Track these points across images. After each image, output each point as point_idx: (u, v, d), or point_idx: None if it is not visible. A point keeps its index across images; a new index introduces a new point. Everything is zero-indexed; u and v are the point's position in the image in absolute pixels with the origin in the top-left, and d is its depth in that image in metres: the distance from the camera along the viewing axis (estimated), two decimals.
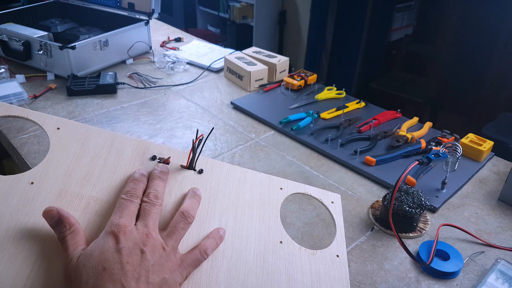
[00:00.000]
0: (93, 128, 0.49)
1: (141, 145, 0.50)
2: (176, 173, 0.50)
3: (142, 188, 0.45)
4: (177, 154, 0.51)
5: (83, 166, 0.46)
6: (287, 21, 2.94)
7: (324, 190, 0.57)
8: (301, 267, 0.48)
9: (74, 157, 0.46)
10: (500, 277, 0.60)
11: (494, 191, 0.79)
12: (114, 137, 0.49)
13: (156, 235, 0.42)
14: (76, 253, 0.39)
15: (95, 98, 1.09)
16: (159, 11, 1.34)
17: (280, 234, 0.50)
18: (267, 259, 0.47)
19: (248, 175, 0.53)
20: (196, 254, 0.43)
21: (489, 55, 1.95)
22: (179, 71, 1.28)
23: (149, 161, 0.49)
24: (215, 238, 0.46)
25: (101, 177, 0.46)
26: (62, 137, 0.47)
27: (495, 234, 0.69)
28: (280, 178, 0.55)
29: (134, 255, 0.39)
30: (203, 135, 0.49)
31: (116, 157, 0.48)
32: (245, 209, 0.50)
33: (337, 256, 0.51)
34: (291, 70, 1.24)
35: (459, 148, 0.78)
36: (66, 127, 0.48)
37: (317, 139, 0.92)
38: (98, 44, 1.20)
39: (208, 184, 0.51)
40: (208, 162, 0.52)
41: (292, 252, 0.49)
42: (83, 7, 1.46)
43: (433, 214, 0.73)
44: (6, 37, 1.22)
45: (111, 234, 0.40)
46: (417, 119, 1.00)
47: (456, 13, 2.06)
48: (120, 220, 0.41)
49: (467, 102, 2.12)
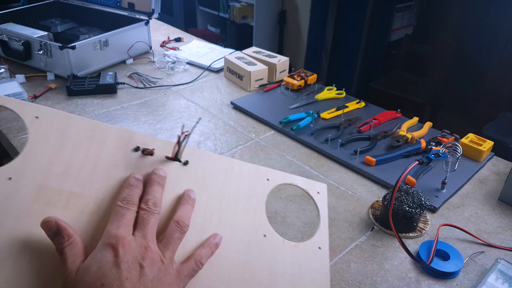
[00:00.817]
0: (74, 116, 0.46)
1: (125, 134, 0.48)
2: (160, 164, 0.48)
3: (138, 194, 0.44)
4: (161, 145, 0.49)
5: (63, 159, 0.44)
6: (287, 21, 2.94)
7: (311, 180, 0.56)
8: (283, 260, 0.48)
9: (54, 149, 0.44)
10: (500, 277, 0.60)
11: (494, 191, 0.79)
12: (96, 126, 0.47)
13: (155, 247, 0.41)
14: (74, 266, 0.38)
15: (95, 98, 1.09)
16: (159, 11, 1.34)
17: (264, 227, 0.49)
18: (250, 253, 0.47)
19: (235, 165, 0.52)
20: (192, 265, 0.43)
21: (489, 55, 1.95)
22: (179, 71, 1.28)
23: (132, 152, 0.47)
24: (210, 246, 0.45)
25: (82, 170, 0.44)
26: (41, 127, 0.44)
27: (495, 234, 0.69)
28: (268, 169, 0.54)
29: (133, 270, 0.38)
30: (188, 131, 0.47)
31: (98, 148, 0.46)
32: (230, 202, 0.49)
33: (319, 248, 0.51)
34: (291, 70, 1.24)
35: (459, 148, 0.78)
36: (45, 116, 0.45)
37: (317, 139, 0.92)
38: (98, 44, 1.20)
39: (194, 176, 0.49)
40: (195, 153, 0.50)
41: (275, 245, 0.48)
42: (83, 7, 1.46)
43: (433, 214, 0.73)
44: (6, 37, 1.22)
45: (109, 246, 0.38)
46: (417, 119, 1.00)
47: (456, 13, 2.06)
48: (117, 231, 0.40)
49: (467, 102, 2.12)
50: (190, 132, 0.48)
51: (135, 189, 0.44)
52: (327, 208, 0.55)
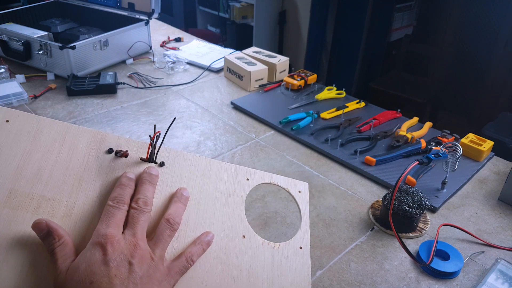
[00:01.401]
0: (45, 119, 0.46)
1: (97, 136, 0.47)
2: (134, 166, 0.47)
3: (129, 194, 0.44)
4: (136, 146, 0.48)
5: (34, 163, 0.43)
6: (287, 21, 2.94)
7: (291, 179, 0.55)
8: (263, 262, 0.47)
9: (24, 153, 0.43)
10: (500, 277, 0.60)
11: (494, 191, 0.79)
12: (67, 129, 0.46)
13: (144, 244, 0.41)
14: (65, 266, 0.38)
15: (95, 98, 1.09)
16: (159, 11, 1.34)
17: (243, 228, 0.48)
18: (229, 255, 0.46)
19: (214, 166, 0.51)
20: (183, 262, 0.43)
21: (489, 55, 1.95)
22: (179, 71, 1.28)
23: (105, 154, 0.47)
24: (202, 244, 0.45)
25: (53, 174, 0.43)
26: (11, 131, 0.44)
27: (495, 234, 0.69)
28: (248, 168, 0.53)
29: (122, 267, 0.38)
30: (160, 131, 0.47)
31: (70, 151, 0.45)
32: (208, 203, 0.48)
33: (300, 248, 0.50)
34: (291, 70, 1.24)
35: (459, 148, 0.78)
36: (16, 120, 0.45)
37: (317, 139, 0.92)
38: (98, 44, 1.20)
39: (170, 177, 0.48)
40: (171, 154, 0.50)
41: (255, 246, 0.48)
42: (83, 7, 1.46)
43: (433, 214, 0.73)
44: (6, 37, 1.22)
45: (98, 245, 0.39)
46: (417, 119, 1.00)
47: (456, 13, 2.06)
48: (107, 229, 0.40)
49: (467, 102, 2.12)
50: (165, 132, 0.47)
51: (127, 188, 0.44)
52: (309, 207, 0.54)
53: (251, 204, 0.72)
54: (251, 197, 0.73)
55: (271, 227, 0.68)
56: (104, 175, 0.46)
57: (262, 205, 0.72)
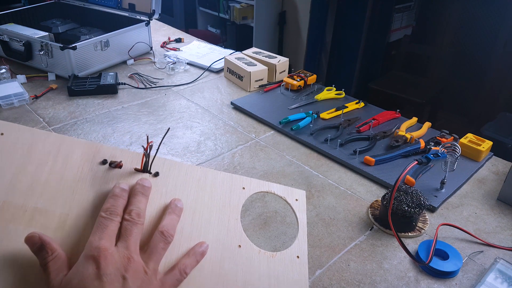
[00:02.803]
0: (40, 132, 0.46)
1: (91, 148, 0.47)
2: (129, 177, 0.47)
3: (122, 205, 0.43)
4: (130, 157, 0.48)
5: (28, 175, 0.43)
6: (287, 22, 2.94)
7: (288, 187, 0.55)
8: (259, 272, 0.46)
9: (18, 165, 0.43)
10: (499, 277, 0.60)
11: (493, 191, 0.79)
12: (62, 141, 0.46)
13: (138, 257, 0.40)
14: (57, 280, 0.38)
15: (96, 98, 1.10)
16: (160, 11, 1.35)
17: (239, 237, 0.48)
18: (224, 265, 0.45)
19: (209, 175, 0.51)
20: (176, 275, 0.42)
21: (488, 55, 1.95)
22: (179, 71, 1.28)
23: (99, 165, 0.46)
24: (196, 255, 0.44)
25: (47, 186, 0.43)
26: (6, 144, 0.44)
27: (494, 233, 0.69)
28: (243, 177, 0.53)
29: (116, 282, 0.37)
30: (152, 141, 0.47)
31: (64, 162, 0.45)
32: (203, 212, 0.48)
33: (298, 257, 0.49)
34: (291, 70, 1.24)
35: (458, 148, 0.78)
36: (10, 132, 0.45)
37: (316, 139, 0.92)
38: (99, 45, 1.21)
39: (165, 187, 0.48)
40: (166, 164, 0.49)
41: (251, 256, 0.47)
42: (84, 7, 1.47)
43: (432, 213, 0.73)
44: (7, 38, 1.23)
45: (91, 258, 0.38)
46: (416, 119, 1.00)
47: (456, 13, 2.07)
48: (100, 242, 0.39)
49: (466, 102, 2.13)
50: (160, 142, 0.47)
51: (119, 199, 0.43)
52: (306, 215, 0.54)
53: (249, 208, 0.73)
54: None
55: (271, 227, 0.68)
56: (98, 186, 0.45)
57: (262, 205, 0.73)
